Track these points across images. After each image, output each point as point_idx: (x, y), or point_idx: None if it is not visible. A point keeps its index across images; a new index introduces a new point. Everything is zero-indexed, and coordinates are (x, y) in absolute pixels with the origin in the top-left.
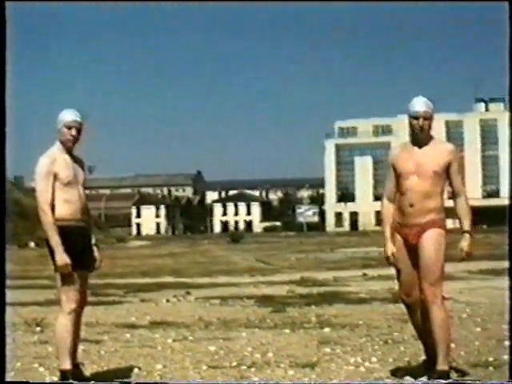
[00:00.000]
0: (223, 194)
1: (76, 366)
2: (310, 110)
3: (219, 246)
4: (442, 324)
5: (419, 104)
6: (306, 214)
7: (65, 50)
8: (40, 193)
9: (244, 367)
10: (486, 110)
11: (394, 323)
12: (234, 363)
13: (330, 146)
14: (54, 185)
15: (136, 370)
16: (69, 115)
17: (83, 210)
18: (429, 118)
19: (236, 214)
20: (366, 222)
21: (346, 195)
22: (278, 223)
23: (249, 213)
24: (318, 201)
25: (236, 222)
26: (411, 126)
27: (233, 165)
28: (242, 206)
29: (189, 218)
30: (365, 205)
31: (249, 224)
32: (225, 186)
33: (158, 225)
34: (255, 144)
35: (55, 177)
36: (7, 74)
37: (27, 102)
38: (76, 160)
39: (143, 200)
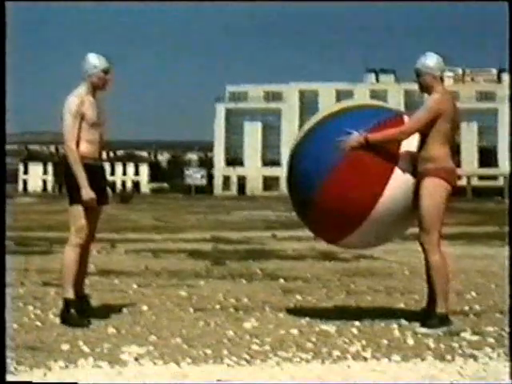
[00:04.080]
0: (111, 154)
1: (81, 298)
2: (202, 74)
3: (110, 205)
4: (437, 269)
5: (418, 61)
6: (195, 176)
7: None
8: (68, 130)
9: (231, 310)
10: (377, 80)
11: (342, 278)
12: (218, 306)
13: (220, 110)
14: (80, 124)
15: (125, 310)
16: (104, 61)
17: (101, 149)
18: (421, 75)
19: (124, 174)
20: (254, 186)
21: (234, 159)
22: (165, 184)
23: (137, 173)
24: (206, 164)
25: (123, 182)
26: None
27: (122, 125)
28: (130, 167)
29: None
30: (253, 169)
31: (136, 184)
32: (113, 146)
33: (44, 182)
34: (145, 105)
35: (83, 117)
36: None
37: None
38: (99, 102)
39: (31, 156)
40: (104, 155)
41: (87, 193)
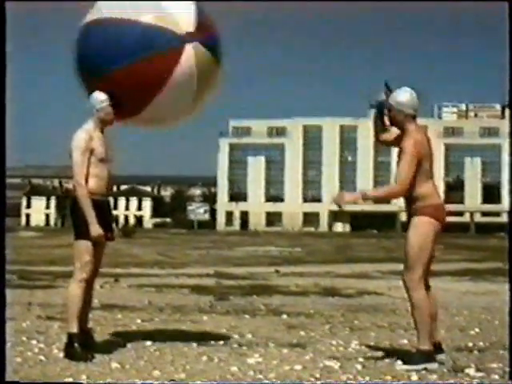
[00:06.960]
0: (115, 189)
1: (86, 332)
2: (206, 109)
3: None
4: (418, 307)
5: (391, 95)
6: (197, 211)
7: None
8: (77, 166)
9: (235, 345)
10: None
11: (346, 313)
12: (221, 341)
13: (223, 145)
14: (89, 160)
15: (129, 345)
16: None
17: (109, 185)
18: (392, 110)
19: (127, 208)
20: (257, 221)
21: (237, 194)
22: (168, 219)
23: (140, 208)
24: (209, 199)
25: (126, 217)
26: None
27: (125, 159)
28: (133, 201)
29: None
30: (256, 205)
31: (139, 219)
32: (117, 181)
33: (47, 216)
34: (149, 140)
35: (91, 152)
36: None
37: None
38: (106, 138)
39: (34, 190)
40: None
41: (96, 229)
